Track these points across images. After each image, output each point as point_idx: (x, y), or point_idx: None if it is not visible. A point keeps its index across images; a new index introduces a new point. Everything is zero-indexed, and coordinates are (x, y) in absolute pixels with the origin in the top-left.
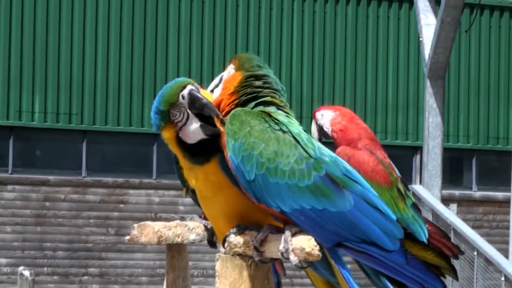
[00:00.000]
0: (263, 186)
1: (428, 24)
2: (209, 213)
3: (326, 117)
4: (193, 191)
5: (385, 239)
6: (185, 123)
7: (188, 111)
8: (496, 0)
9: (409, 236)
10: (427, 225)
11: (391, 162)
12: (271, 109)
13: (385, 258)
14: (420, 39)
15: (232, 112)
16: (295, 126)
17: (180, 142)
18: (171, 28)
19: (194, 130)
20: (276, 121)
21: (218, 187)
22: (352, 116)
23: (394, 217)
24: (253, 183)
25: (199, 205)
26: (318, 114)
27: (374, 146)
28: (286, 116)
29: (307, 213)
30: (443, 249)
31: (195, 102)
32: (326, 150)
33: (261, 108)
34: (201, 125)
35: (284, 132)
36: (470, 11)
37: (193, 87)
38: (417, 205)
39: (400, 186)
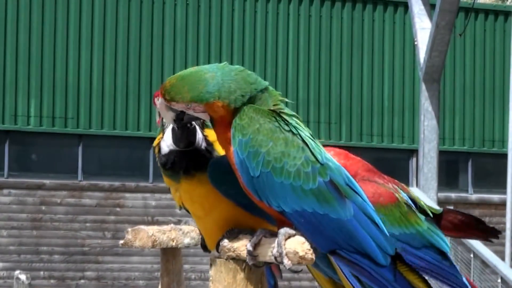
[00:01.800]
0: (267, 184)
1: (423, 28)
2: (203, 228)
3: None
4: None
5: (378, 253)
6: (164, 130)
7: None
8: (491, 4)
9: (399, 257)
10: (459, 216)
11: (399, 185)
12: (282, 105)
13: (375, 272)
14: (415, 42)
15: (243, 108)
16: (304, 129)
17: (159, 151)
18: (166, 32)
19: (166, 137)
20: (286, 122)
21: (207, 206)
22: (347, 154)
23: (387, 233)
24: (257, 179)
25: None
26: None
27: (372, 176)
28: (296, 117)
29: (308, 216)
30: (482, 234)
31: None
32: (331, 158)
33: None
34: (173, 132)
35: (293, 134)
36: (464, 15)
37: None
38: (432, 219)
39: (410, 202)
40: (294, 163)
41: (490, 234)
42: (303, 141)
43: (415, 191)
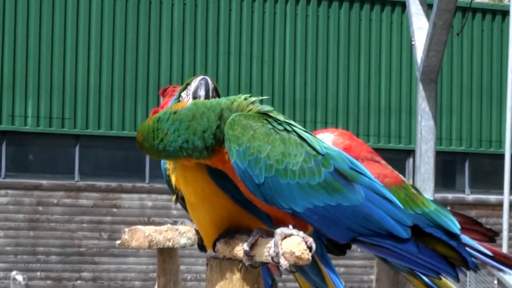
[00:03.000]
0: (274, 188)
1: (420, 27)
2: (197, 220)
3: (327, 140)
4: (183, 199)
5: (398, 227)
6: None
7: (190, 94)
8: (488, 3)
9: (418, 228)
10: (456, 217)
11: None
12: (267, 107)
13: (398, 249)
14: (413, 42)
15: (230, 117)
16: (298, 126)
17: None
18: (164, 32)
19: None
20: (278, 121)
21: (200, 191)
22: (351, 136)
23: (401, 205)
24: (263, 186)
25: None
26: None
27: (375, 156)
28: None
29: (321, 211)
30: (478, 236)
31: (199, 88)
32: (328, 145)
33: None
34: None
35: (288, 132)
36: (462, 14)
37: (209, 79)
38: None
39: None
40: (296, 161)
41: (486, 235)
42: (299, 136)
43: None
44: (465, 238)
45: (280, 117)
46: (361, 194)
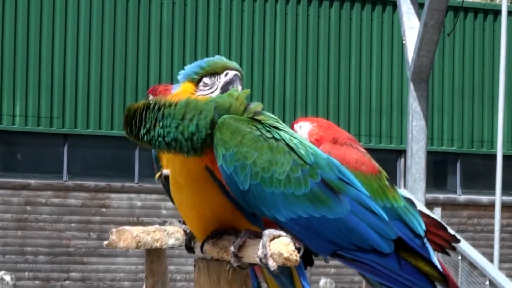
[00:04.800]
0: (258, 196)
1: (411, 27)
2: (179, 202)
3: (304, 128)
4: (166, 178)
5: (381, 242)
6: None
7: (219, 87)
8: (480, 3)
9: (401, 243)
10: (424, 218)
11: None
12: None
13: (379, 265)
14: (404, 42)
15: (220, 119)
16: (287, 131)
17: None
18: (153, 31)
19: None
20: (268, 128)
21: (185, 171)
22: (329, 126)
23: (386, 218)
24: (247, 193)
25: (169, 195)
26: (296, 126)
27: (354, 143)
28: (275, 120)
29: (304, 222)
30: (440, 242)
31: (230, 84)
32: (319, 152)
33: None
34: None
35: (277, 140)
36: (454, 14)
37: (239, 74)
38: (410, 200)
39: (390, 180)
40: (283, 170)
41: (448, 241)
42: (287, 145)
43: (402, 192)
44: (429, 248)
45: (271, 121)
46: (346, 206)
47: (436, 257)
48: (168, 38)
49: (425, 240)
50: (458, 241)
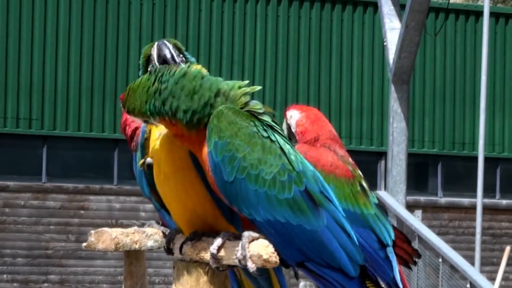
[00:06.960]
0: (240, 190)
1: (392, 28)
2: (163, 191)
3: (293, 117)
4: (148, 167)
5: (349, 264)
6: None
7: (156, 63)
8: (462, 4)
9: (365, 271)
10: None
11: (356, 168)
12: (256, 104)
13: (341, 286)
14: (385, 43)
15: (220, 108)
16: (282, 135)
17: None
18: (132, 33)
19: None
20: (265, 127)
21: (171, 160)
22: (317, 118)
23: (356, 241)
24: (230, 185)
25: (149, 184)
26: (288, 114)
27: (334, 145)
28: (272, 121)
29: (279, 226)
30: (404, 255)
31: (159, 52)
32: (306, 164)
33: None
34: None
35: (271, 140)
36: (435, 15)
37: (165, 41)
38: (383, 208)
39: (365, 184)
40: (271, 171)
41: (411, 256)
42: (280, 148)
43: (383, 194)
44: (393, 260)
45: (268, 118)
46: (323, 221)
47: (398, 269)
48: (148, 39)
49: (391, 250)
50: (419, 256)
